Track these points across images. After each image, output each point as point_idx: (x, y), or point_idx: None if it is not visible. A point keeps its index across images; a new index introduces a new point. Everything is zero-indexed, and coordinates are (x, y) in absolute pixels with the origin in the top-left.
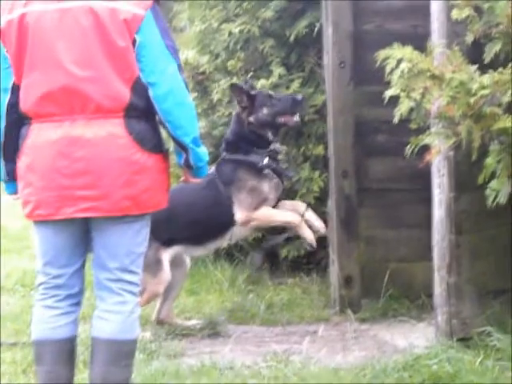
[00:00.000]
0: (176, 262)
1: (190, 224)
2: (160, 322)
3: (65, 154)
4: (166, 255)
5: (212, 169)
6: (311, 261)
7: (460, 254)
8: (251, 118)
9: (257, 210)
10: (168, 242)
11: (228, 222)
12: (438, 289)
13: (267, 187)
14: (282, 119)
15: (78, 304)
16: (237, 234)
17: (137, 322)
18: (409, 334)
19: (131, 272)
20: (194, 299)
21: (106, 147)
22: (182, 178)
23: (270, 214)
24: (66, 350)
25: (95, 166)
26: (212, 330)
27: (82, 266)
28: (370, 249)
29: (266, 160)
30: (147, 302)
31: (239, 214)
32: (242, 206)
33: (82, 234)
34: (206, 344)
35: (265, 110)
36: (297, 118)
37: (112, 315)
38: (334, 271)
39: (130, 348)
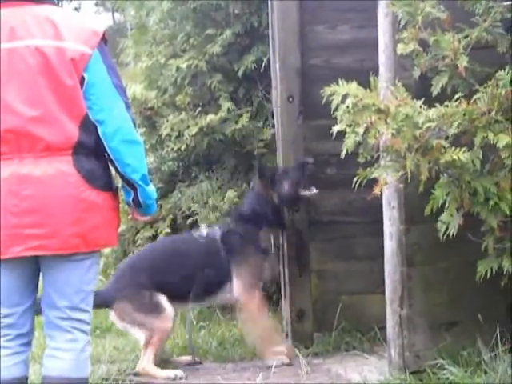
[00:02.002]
0: None
1: (180, 278)
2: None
3: (14, 193)
4: (161, 296)
5: (214, 231)
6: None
7: (412, 286)
8: (274, 197)
9: (253, 295)
10: (159, 290)
11: (216, 288)
12: (391, 322)
13: (267, 267)
14: (303, 192)
15: (28, 344)
16: (221, 299)
17: (88, 361)
18: (362, 368)
19: (81, 310)
20: None
21: (55, 185)
22: (130, 216)
23: (258, 315)
24: None
25: (44, 204)
26: (163, 369)
27: (32, 304)
28: (322, 282)
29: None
30: (160, 343)
31: (237, 292)
32: (241, 281)
33: (31, 273)
34: (157, 382)
35: (285, 186)
36: (314, 189)
37: (63, 353)
38: (285, 305)
39: None
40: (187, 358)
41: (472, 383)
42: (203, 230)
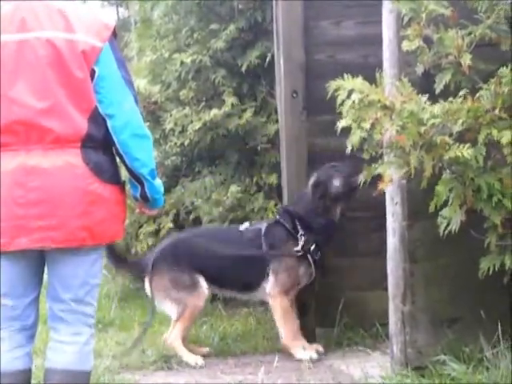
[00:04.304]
0: None
1: (222, 266)
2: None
3: (21, 184)
4: (200, 276)
5: (262, 225)
6: None
7: (414, 282)
8: (329, 201)
9: (286, 295)
10: (200, 272)
11: (256, 282)
12: (393, 318)
13: (302, 271)
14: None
15: (32, 336)
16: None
17: (91, 355)
18: (364, 364)
19: (86, 303)
20: (148, 331)
21: (63, 177)
22: (137, 211)
23: (284, 314)
24: (22, 382)
25: (51, 196)
26: (165, 363)
27: (37, 297)
28: (325, 278)
29: (313, 247)
30: (191, 319)
31: (272, 289)
32: (278, 281)
33: (37, 265)
34: (159, 376)
35: (336, 182)
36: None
37: (66, 346)
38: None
39: (84, 380)
40: (201, 350)
41: (474, 380)
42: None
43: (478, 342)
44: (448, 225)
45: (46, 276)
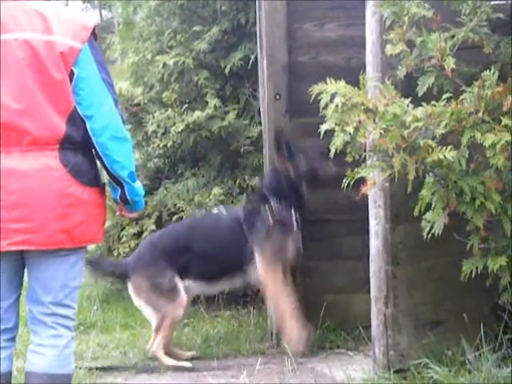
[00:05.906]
0: None
1: (206, 258)
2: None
3: (1, 187)
4: (180, 283)
5: (238, 211)
6: (247, 293)
7: (396, 285)
8: (291, 171)
9: (276, 273)
10: (182, 272)
11: (242, 264)
12: (375, 320)
13: (290, 244)
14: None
15: (13, 339)
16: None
17: (72, 357)
18: (346, 366)
19: (66, 306)
20: (130, 333)
21: (41, 179)
22: (118, 213)
23: (279, 295)
24: None
25: (29, 199)
26: (147, 365)
27: (17, 299)
28: (307, 280)
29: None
30: (171, 328)
31: (262, 270)
32: (264, 261)
33: (16, 268)
34: (141, 379)
35: (302, 159)
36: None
37: (46, 349)
38: (270, 304)
39: (65, 383)
40: (187, 354)
41: (456, 382)
42: (222, 209)
43: (461, 345)
44: (432, 228)
45: (26, 278)
